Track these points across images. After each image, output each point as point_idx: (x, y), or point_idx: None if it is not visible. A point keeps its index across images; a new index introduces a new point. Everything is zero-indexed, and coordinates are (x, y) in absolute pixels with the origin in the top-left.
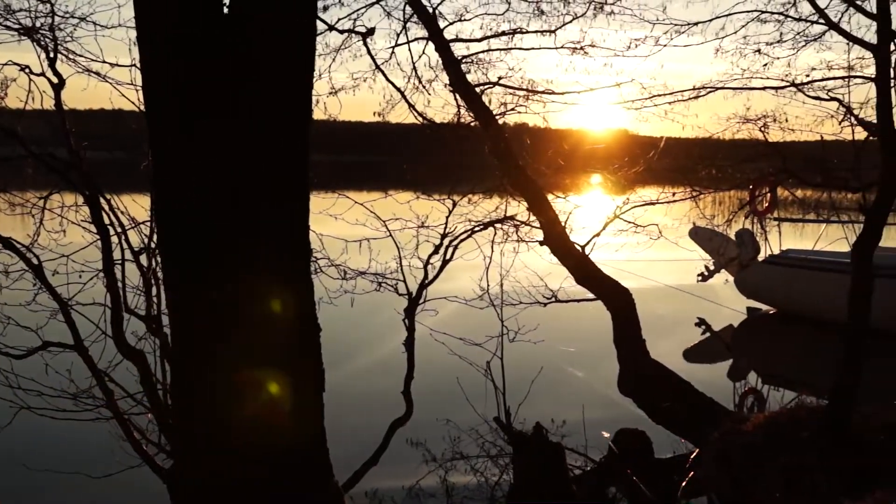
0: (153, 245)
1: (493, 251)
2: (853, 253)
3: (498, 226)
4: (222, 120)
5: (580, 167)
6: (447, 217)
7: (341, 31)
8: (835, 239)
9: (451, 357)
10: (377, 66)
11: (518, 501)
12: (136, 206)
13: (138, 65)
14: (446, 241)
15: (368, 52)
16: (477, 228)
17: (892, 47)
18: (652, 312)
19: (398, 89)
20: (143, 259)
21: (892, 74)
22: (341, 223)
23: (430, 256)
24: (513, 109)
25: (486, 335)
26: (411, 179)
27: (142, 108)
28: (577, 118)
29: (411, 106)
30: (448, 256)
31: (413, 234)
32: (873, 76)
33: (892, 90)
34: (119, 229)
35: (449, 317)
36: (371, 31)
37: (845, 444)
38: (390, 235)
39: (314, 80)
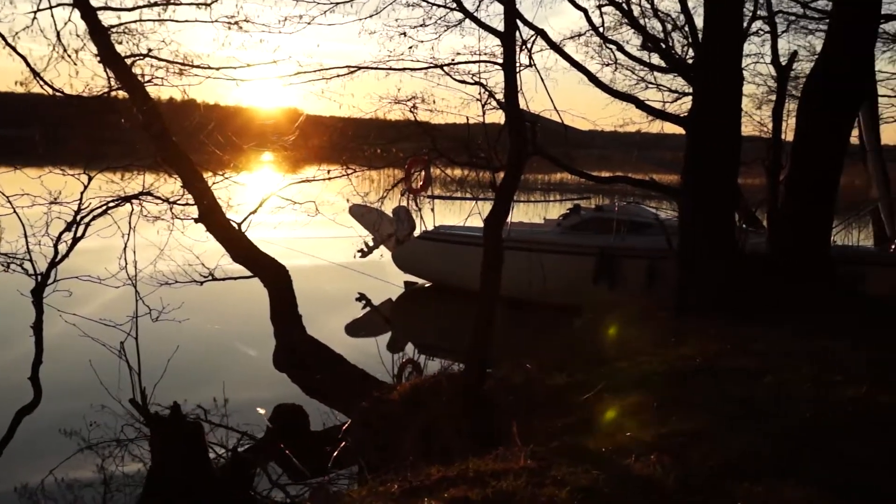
0: None
1: (130, 227)
2: (484, 228)
3: (137, 202)
4: None
5: (246, 145)
6: (82, 193)
7: None
8: (473, 213)
9: (88, 339)
10: None
11: (156, 483)
12: None
13: None
14: (79, 218)
15: None
16: (112, 204)
17: (519, 37)
18: (318, 289)
19: (22, 57)
20: None
21: (517, 61)
22: None
23: (61, 234)
24: (149, 81)
25: (128, 315)
26: (44, 153)
27: None
28: (247, 95)
29: (37, 75)
30: (80, 234)
31: (44, 210)
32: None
33: (518, 75)
34: None
35: (108, 300)
36: None
37: (477, 406)
38: (15, 212)
39: None
